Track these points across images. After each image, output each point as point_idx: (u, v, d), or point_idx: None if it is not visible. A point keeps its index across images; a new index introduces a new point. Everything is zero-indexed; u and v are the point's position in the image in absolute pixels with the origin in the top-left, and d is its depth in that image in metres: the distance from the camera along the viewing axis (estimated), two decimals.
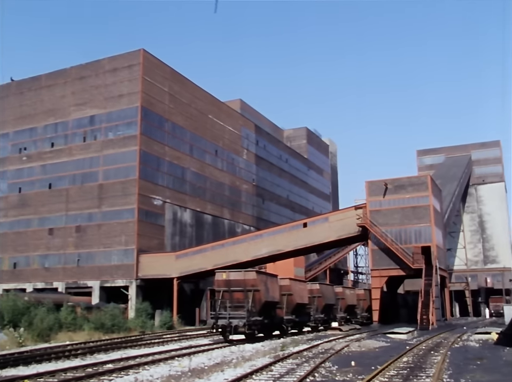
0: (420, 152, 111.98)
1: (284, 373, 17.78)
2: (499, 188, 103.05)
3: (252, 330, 32.36)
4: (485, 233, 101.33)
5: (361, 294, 59.09)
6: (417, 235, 53.05)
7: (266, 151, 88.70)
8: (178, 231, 63.98)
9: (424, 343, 27.86)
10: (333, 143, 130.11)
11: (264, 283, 33.38)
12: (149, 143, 60.53)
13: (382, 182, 54.79)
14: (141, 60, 61.03)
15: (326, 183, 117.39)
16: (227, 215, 74.79)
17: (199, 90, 71.50)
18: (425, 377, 16.26)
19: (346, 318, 52.25)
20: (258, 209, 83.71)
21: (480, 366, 18.58)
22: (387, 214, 53.99)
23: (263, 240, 57.63)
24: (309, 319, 42.74)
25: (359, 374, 17.08)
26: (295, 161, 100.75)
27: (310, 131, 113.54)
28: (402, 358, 20.83)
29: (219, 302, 32.31)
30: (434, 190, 56.30)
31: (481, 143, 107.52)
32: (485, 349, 24.61)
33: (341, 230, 55.41)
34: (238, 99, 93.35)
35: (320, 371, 18.15)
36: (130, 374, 18.57)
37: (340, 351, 24.41)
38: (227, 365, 20.26)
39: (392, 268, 53.20)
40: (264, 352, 24.81)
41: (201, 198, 69.03)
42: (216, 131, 74.09)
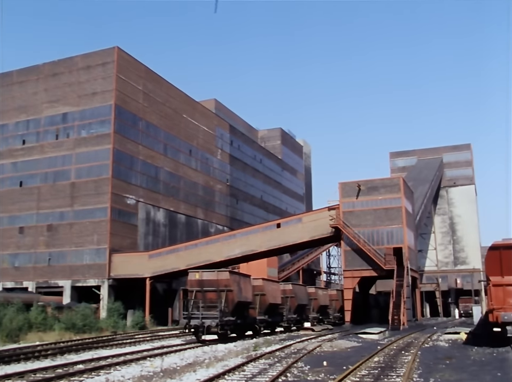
0: (393, 154, 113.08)
1: (256, 373, 17.81)
2: (469, 191, 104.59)
3: (225, 331, 32.31)
4: (455, 235, 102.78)
5: (333, 295, 59.47)
6: (389, 236, 53.62)
7: (240, 151, 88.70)
8: (151, 230, 63.61)
9: (395, 343, 28.14)
10: (307, 144, 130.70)
11: (237, 283, 33.38)
12: (123, 142, 60.06)
13: (355, 184, 55.23)
14: (115, 58, 60.53)
15: (300, 184, 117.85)
16: (201, 215, 74.61)
17: (173, 89, 71.20)
18: (396, 376, 16.44)
19: (319, 318, 52.51)
20: (232, 210, 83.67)
21: (449, 366, 18.86)
22: (360, 216, 54.45)
23: (237, 240, 57.65)
24: (282, 319, 42.86)
25: (331, 374, 17.19)
26: (269, 161, 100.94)
27: (284, 132, 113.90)
28: (373, 358, 21.02)
29: (192, 302, 32.21)
30: (406, 192, 56.95)
31: (453, 146, 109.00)
32: (454, 349, 24.98)
33: (314, 231, 55.73)
34: (212, 98, 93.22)
35: (293, 370, 18.22)
36: (101, 375, 18.40)
37: (312, 351, 24.53)
38: (200, 365, 20.21)
39: (364, 269, 53.68)
40: (237, 352, 24.82)
41: (174, 197, 68.74)
42: (191, 131, 73.86)
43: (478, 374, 16.99)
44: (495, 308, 24.47)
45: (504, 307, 24.26)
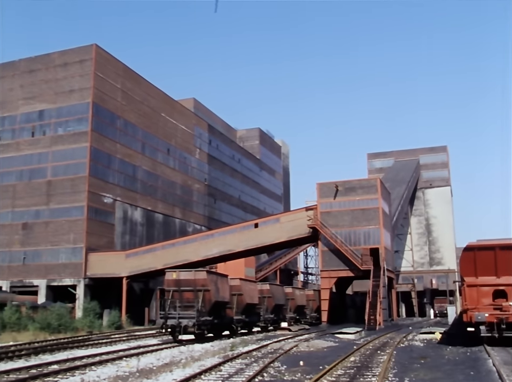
0: (370, 155, 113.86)
1: (233, 373, 17.81)
2: (445, 192, 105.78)
3: (202, 330, 32.25)
4: (431, 236, 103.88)
5: (310, 295, 59.70)
6: (366, 237, 53.99)
7: (219, 151, 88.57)
8: (129, 230, 63.20)
9: (371, 343, 28.35)
10: (285, 144, 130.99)
11: (215, 283, 33.34)
12: (100, 140, 59.57)
13: (333, 184, 55.51)
14: (93, 55, 60.02)
15: (278, 184, 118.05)
16: (179, 214, 74.34)
17: (152, 88, 70.83)
18: (371, 376, 16.57)
19: (296, 318, 52.67)
20: (209, 209, 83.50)
21: (423, 365, 19.06)
22: (337, 216, 54.74)
23: (214, 240, 57.59)
24: (259, 319, 42.91)
25: (307, 373, 17.26)
26: (247, 161, 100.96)
27: (263, 132, 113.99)
28: (349, 358, 21.15)
29: (169, 301, 32.09)
30: (383, 193, 57.41)
31: (429, 148, 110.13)
32: (428, 348, 25.25)
33: (292, 231, 55.88)
34: (191, 98, 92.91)
35: (269, 370, 18.26)
36: (76, 375, 18.23)
37: (289, 351, 24.60)
38: (176, 365, 20.14)
39: (341, 269, 53.97)
40: (214, 352, 24.79)
41: (152, 196, 68.39)
42: (169, 130, 73.54)
43: (451, 373, 17.21)
44: (469, 308, 24.80)
45: (477, 308, 24.60)
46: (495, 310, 24.40)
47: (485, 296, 24.95)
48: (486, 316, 24.16)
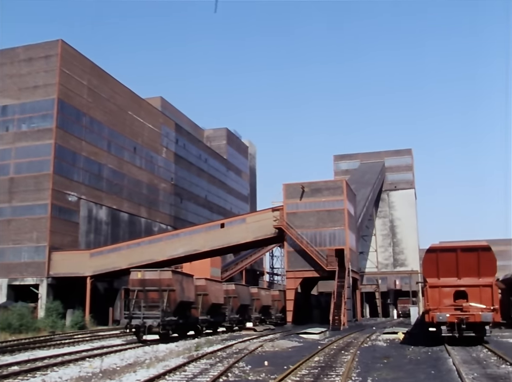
0: (336, 157, 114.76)
1: (198, 373, 17.76)
2: (409, 194, 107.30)
3: (166, 330, 32.07)
4: (395, 237, 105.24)
5: (275, 295, 59.87)
6: (332, 238, 54.43)
7: (185, 150, 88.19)
8: (93, 228, 62.45)
9: (335, 343, 28.59)
10: (252, 145, 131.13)
11: (180, 283, 33.20)
12: (65, 137, 58.72)
13: (299, 185, 55.82)
14: (59, 51, 59.12)
15: (245, 185, 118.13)
16: (144, 213, 73.77)
17: (119, 86, 70.14)
18: (335, 376, 16.71)
19: (261, 318, 52.76)
20: (176, 209, 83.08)
21: (386, 365, 19.31)
22: (303, 217, 55.06)
23: (180, 240, 57.40)
24: (224, 319, 42.86)
25: (272, 373, 17.32)
26: (214, 161, 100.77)
27: (230, 132, 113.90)
28: (313, 358, 21.29)
29: (134, 301, 31.80)
30: (349, 194, 57.97)
31: (394, 151, 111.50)
32: (391, 348, 25.58)
33: (258, 232, 56.01)
34: (158, 96, 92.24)
35: (234, 370, 18.26)
36: (37, 376, 17.92)
37: (254, 351, 24.65)
38: (140, 365, 19.99)
39: (307, 270, 54.30)
40: (178, 352, 24.68)
41: (117, 195, 67.72)
42: (136, 128, 72.93)
43: (413, 372, 17.48)
44: (431, 309, 25.24)
45: (439, 308, 25.06)
46: (456, 310, 24.90)
47: (446, 297, 25.43)
48: (447, 317, 24.63)
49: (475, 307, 24.75)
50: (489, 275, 25.34)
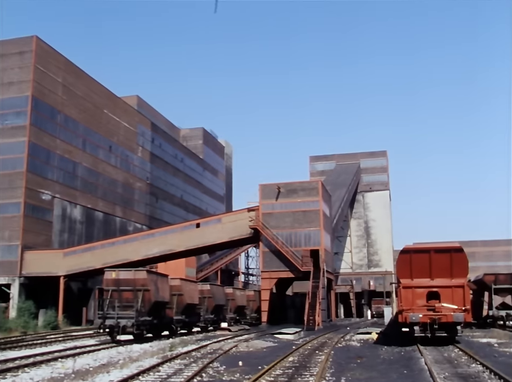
0: (312, 158, 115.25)
1: (172, 374, 17.72)
2: (384, 196, 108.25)
3: (141, 331, 31.91)
4: (370, 238, 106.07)
5: (250, 295, 59.96)
6: (307, 239, 54.66)
7: (161, 150, 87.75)
8: (67, 228, 61.76)
9: (309, 343, 28.72)
10: (229, 145, 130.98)
11: (155, 283, 33.05)
12: (39, 135, 57.97)
13: (275, 186, 55.96)
14: (33, 47, 58.33)
15: (221, 185, 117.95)
16: (119, 213, 73.20)
17: (94, 83, 69.49)
18: (309, 375, 16.80)
19: (236, 318, 52.79)
20: (151, 208, 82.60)
21: (360, 365, 19.48)
22: (279, 217, 55.20)
23: (155, 239, 57.10)
24: (199, 320, 42.80)
25: (246, 373, 17.35)
26: (190, 161, 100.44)
27: (206, 131, 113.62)
28: (288, 358, 21.37)
29: (108, 301, 31.59)
30: (324, 195, 58.28)
31: (370, 152, 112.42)
32: (365, 348, 25.80)
33: (234, 232, 55.99)
34: (135, 95, 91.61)
35: (208, 371, 18.25)
36: (8, 378, 17.66)
37: (229, 351, 24.66)
38: (114, 366, 19.85)
39: (282, 270, 54.44)
40: (152, 352, 24.56)
41: (92, 194, 67.08)
42: (111, 127, 72.32)
43: (386, 372, 17.67)
44: (404, 309, 25.52)
45: (412, 309, 25.35)
46: (429, 311, 25.22)
47: (420, 297, 25.73)
48: (420, 317, 24.93)
49: (447, 307, 25.10)
50: (461, 276, 25.73)
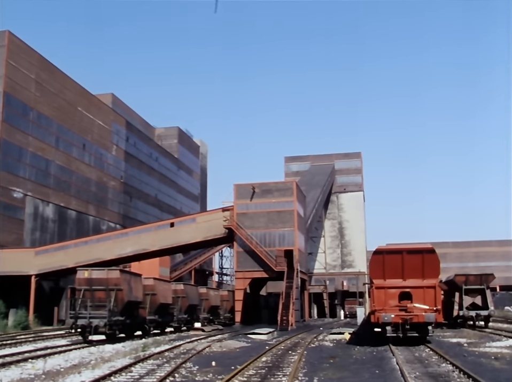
0: (287, 158, 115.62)
1: (144, 374, 17.62)
2: (358, 197, 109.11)
3: (113, 331, 31.66)
4: (344, 239, 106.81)
5: (224, 295, 59.92)
6: (281, 239, 54.82)
7: (136, 148, 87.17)
8: (39, 226, 60.97)
9: (282, 343, 28.79)
10: (204, 144, 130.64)
11: (128, 283, 32.83)
12: (11, 132, 57.10)
13: (250, 186, 56.01)
14: (6, 43, 57.44)
15: (196, 184, 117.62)
16: (93, 211, 72.50)
17: (68, 80, 68.71)
18: (282, 376, 16.85)
19: (209, 318, 52.68)
20: (125, 207, 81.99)
21: (332, 364, 19.59)
22: (253, 217, 55.26)
23: (129, 238, 56.78)
24: (172, 319, 42.61)
25: (219, 374, 17.34)
26: (165, 160, 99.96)
27: (181, 131, 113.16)
28: (261, 358, 21.40)
29: (80, 301, 31.27)
30: (299, 196, 58.51)
31: (344, 154, 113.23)
32: (338, 348, 25.96)
33: (208, 232, 55.92)
34: (109, 93, 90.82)
35: (181, 371, 18.20)
36: None
37: (202, 351, 24.60)
38: (85, 366, 19.66)
39: (256, 270, 54.51)
40: (125, 353, 24.39)
41: (65, 192, 66.32)
42: (85, 125, 71.59)
43: (358, 372, 17.81)
44: (376, 309, 25.75)
45: (385, 309, 25.59)
46: (401, 311, 25.49)
47: (392, 298, 25.99)
48: (392, 317, 25.17)
49: (419, 308, 25.40)
50: (433, 276, 26.06)
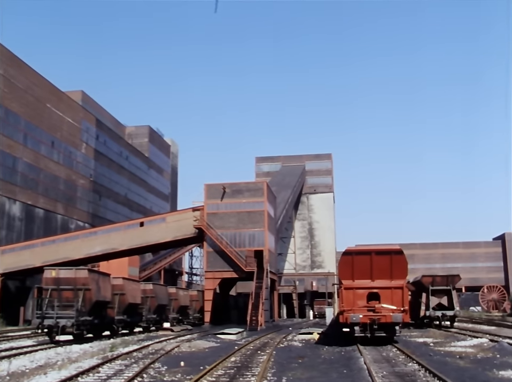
0: (258, 159, 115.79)
1: (112, 375, 17.48)
2: (328, 198, 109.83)
3: (81, 331, 31.32)
4: (313, 240, 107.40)
5: (194, 295, 59.79)
6: (251, 239, 54.92)
7: (106, 147, 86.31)
8: (5, 224, 59.88)
9: (252, 343, 28.84)
10: (175, 143, 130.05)
11: (96, 282, 32.52)
12: None
13: (220, 186, 56.00)
14: None
15: (166, 183, 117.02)
16: (61, 210, 71.53)
17: (37, 77, 67.69)
18: (251, 375, 16.89)
19: (179, 318, 52.49)
20: (94, 206, 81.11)
21: (301, 364, 19.70)
22: (224, 218, 55.26)
23: (98, 238, 56.28)
24: (141, 319, 42.34)
25: (188, 374, 17.30)
26: (135, 159, 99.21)
27: (152, 129, 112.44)
28: (230, 358, 21.41)
29: (47, 300, 30.87)
30: (269, 196, 58.67)
31: (315, 155, 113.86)
32: (306, 348, 26.11)
33: (178, 231, 55.73)
34: (79, 90, 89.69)
35: (149, 371, 18.09)
36: None
37: (170, 351, 24.50)
38: (52, 367, 19.40)
39: (226, 271, 54.53)
40: (93, 353, 24.15)
41: (33, 190, 65.29)
42: (54, 122, 70.60)
43: (326, 371, 17.94)
44: (345, 310, 25.99)
45: (353, 309, 25.84)
46: (369, 312, 25.77)
47: (360, 298, 26.26)
48: (360, 318, 25.44)
49: (387, 308, 25.72)
50: (401, 277, 26.42)
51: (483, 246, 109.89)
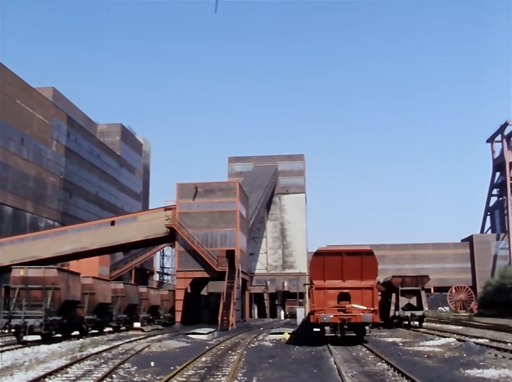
0: (231, 159, 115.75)
1: (80, 375, 17.30)
2: (300, 199, 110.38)
3: (49, 331, 30.93)
4: (285, 240, 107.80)
5: (165, 295, 59.52)
6: (223, 239, 54.90)
7: (77, 144, 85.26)
8: None
9: (223, 343, 28.83)
10: (147, 142, 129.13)
11: (65, 281, 32.17)
12: None
13: (192, 185, 55.85)
14: None
15: (138, 182, 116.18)
16: (30, 208, 70.43)
17: (7, 72, 66.51)
18: (221, 375, 16.89)
19: (149, 318, 52.20)
20: (64, 204, 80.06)
21: (272, 364, 19.76)
22: (196, 217, 55.13)
23: (68, 236, 55.66)
24: (111, 319, 41.99)
25: (158, 374, 17.22)
26: (107, 157, 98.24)
27: (124, 128, 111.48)
28: (201, 358, 21.37)
29: (15, 300, 30.43)
30: (241, 196, 58.72)
31: (287, 155, 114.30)
32: (277, 348, 26.19)
33: (149, 231, 55.44)
34: (51, 86, 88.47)
35: (119, 372, 17.97)
36: None
37: (141, 351, 24.36)
38: (19, 368, 19.11)
39: (197, 270, 54.42)
40: (61, 353, 23.87)
41: (1, 188, 64.13)
42: (24, 119, 69.47)
43: (297, 371, 18.04)
44: (316, 310, 26.15)
45: (324, 309, 26.01)
46: (339, 312, 25.98)
47: (331, 298, 26.45)
48: (331, 318, 25.62)
49: (357, 308, 25.96)
50: (371, 278, 26.70)
51: (451, 247, 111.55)
